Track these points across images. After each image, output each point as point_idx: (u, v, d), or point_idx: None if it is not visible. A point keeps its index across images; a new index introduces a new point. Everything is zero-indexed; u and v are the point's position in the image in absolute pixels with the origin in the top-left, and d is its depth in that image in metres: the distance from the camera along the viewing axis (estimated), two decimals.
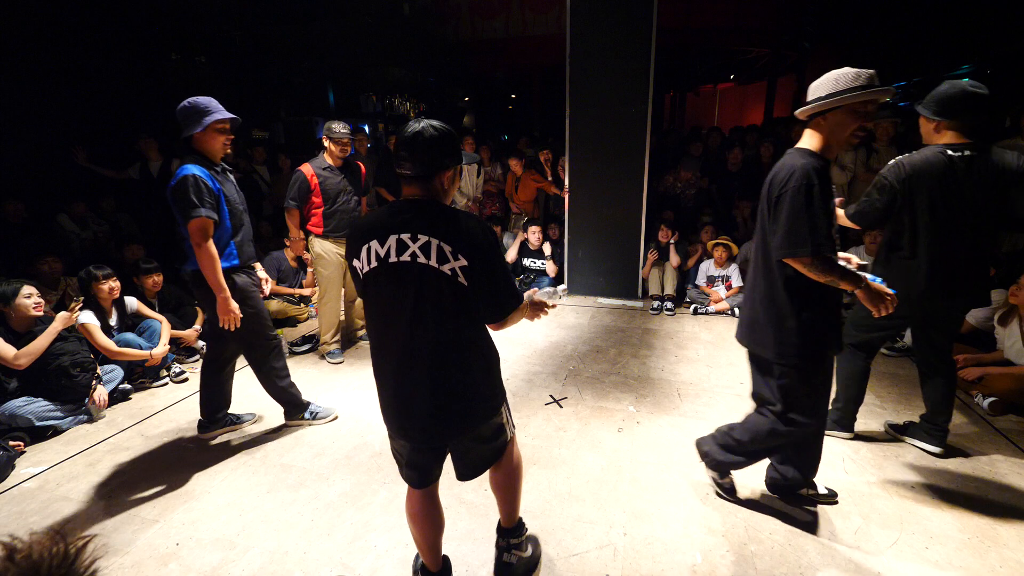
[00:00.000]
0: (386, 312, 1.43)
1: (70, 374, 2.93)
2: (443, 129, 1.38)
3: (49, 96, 5.22)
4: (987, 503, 2.20)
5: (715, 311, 4.70)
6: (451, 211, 1.39)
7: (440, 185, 1.41)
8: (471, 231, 1.35)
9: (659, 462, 2.52)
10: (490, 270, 1.38)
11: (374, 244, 1.37)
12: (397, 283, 1.37)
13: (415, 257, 1.34)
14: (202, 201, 2.30)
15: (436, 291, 1.36)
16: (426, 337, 1.39)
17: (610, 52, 4.47)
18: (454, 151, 1.40)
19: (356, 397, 3.26)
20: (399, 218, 1.37)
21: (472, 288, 1.37)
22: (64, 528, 0.67)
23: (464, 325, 1.42)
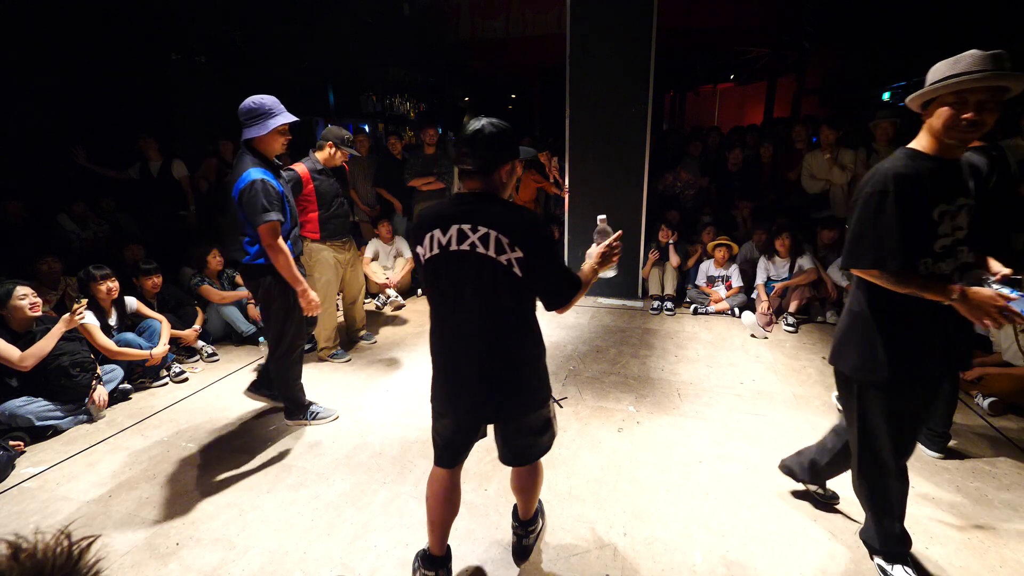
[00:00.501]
0: (445, 297, 1.52)
1: (70, 374, 2.93)
2: (501, 126, 1.45)
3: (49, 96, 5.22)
4: (987, 503, 2.20)
5: (715, 311, 4.70)
6: (510, 204, 1.48)
7: (499, 179, 1.49)
8: (528, 224, 1.43)
9: (659, 462, 2.52)
10: (545, 262, 1.45)
11: (436, 233, 1.46)
12: (456, 270, 1.46)
13: (474, 247, 1.42)
14: (271, 204, 2.42)
15: (492, 280, 1.44)
16: (480, 323, 1.48)
17: (610, 52, 4.47)
18: (511, 147, 1.48)
19: (356, 397, 3.26)
20: (461, 209, 1.46)
21: (526, 279, 1.44)
22: (69, 528, 0.67)
23: (516, 315, 1.51)
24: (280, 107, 2.45)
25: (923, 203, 1.50)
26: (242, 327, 4.12)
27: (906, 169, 1.51)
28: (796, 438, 2.71)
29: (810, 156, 4.85)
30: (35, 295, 2.91)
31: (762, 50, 10.29)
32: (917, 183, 1.49)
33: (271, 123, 2.39)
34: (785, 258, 4.59)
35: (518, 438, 1.67)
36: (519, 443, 1.68)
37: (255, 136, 2.41)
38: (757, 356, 3.80)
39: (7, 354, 2.73)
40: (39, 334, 2.86)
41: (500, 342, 1.51)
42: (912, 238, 1.50)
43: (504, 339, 1.51)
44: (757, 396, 3.18)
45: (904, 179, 1.49)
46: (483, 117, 1.47)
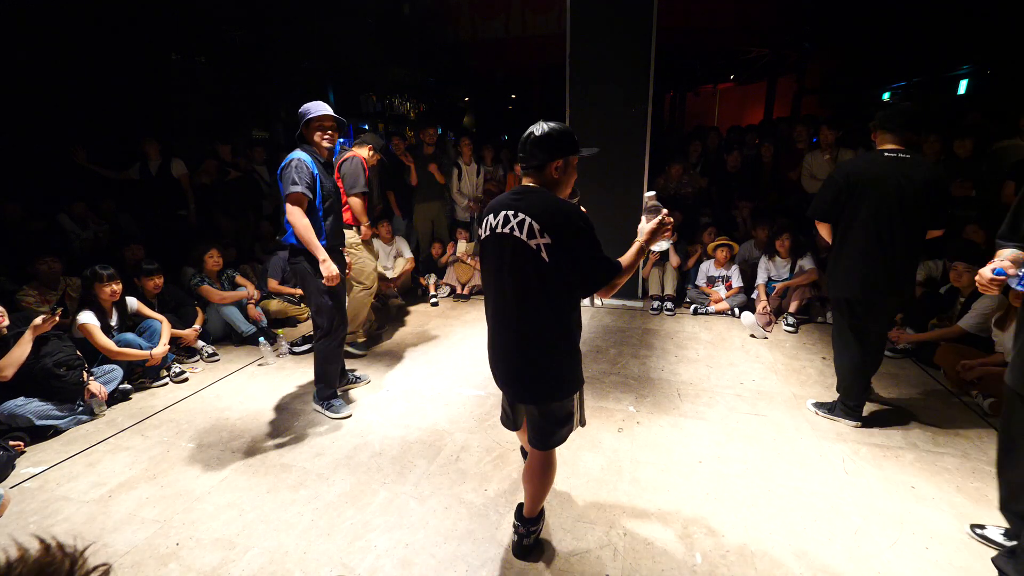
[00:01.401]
0: (490, 275, 1.71)
1: (56, 374, 2.89)
2: (551, 128, 1.61)
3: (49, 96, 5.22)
4: (987, 503, 2.20)
5: (715, 311, 4.70)
6: (553, 198, 1.60)
7: (551, 174, 1.64)
8: (561, 214, 1.55)
9: (659, 462, 2.52)
10: (576, 249, 1.56)
11: (490, 217, 1.66)
12: (498, 250, 1.63)
13: (512, 230, 1.57)
14: (300, 179, 2.64)
15: (522, 263, 1.57)
16: (515, 303, 1.63)
17: (610, 52, 4.46)
18: (560, 146, 1.62)
19: (356, 397, 3.26)
20: (513, 198, 1.63)
21: (553, 265, 1.55)
22: (75, 544, 0.66)
23: (544, 300, 1.61)
24: (319, 106, 2.73)
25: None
26: (242, 327, 4.12)
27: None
28: (796, 438, 2.71)
29: (810, 156, 4.85)
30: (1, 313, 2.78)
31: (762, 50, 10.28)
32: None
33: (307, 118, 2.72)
34: (786, 258, 4.59)
35: (540, 420, 1.77)
36: (540, 425, 1.78)
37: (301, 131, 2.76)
38: (757, 356, 3.79)
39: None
40: (12, 337, 2.79)
41: (530, 325, 1.63)
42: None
43: (533, 323, 1.63)
44: (757, 396, 3.17)
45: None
46: (541, 121, 1.64)
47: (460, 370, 3.61)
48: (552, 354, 1.66)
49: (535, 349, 1.65)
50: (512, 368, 1.71)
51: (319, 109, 2.73)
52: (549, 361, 1.67)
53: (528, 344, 1.65)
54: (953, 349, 3.31)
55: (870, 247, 2.53)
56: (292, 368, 3.72)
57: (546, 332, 1.64)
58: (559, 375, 1.69)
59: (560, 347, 1.67)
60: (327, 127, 2.77)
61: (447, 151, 6.27)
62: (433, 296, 5.28)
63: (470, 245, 5.50)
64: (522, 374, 1.70)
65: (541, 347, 1.65)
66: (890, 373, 3.41)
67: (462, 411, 3.05)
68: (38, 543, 0.64)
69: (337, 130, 2.83)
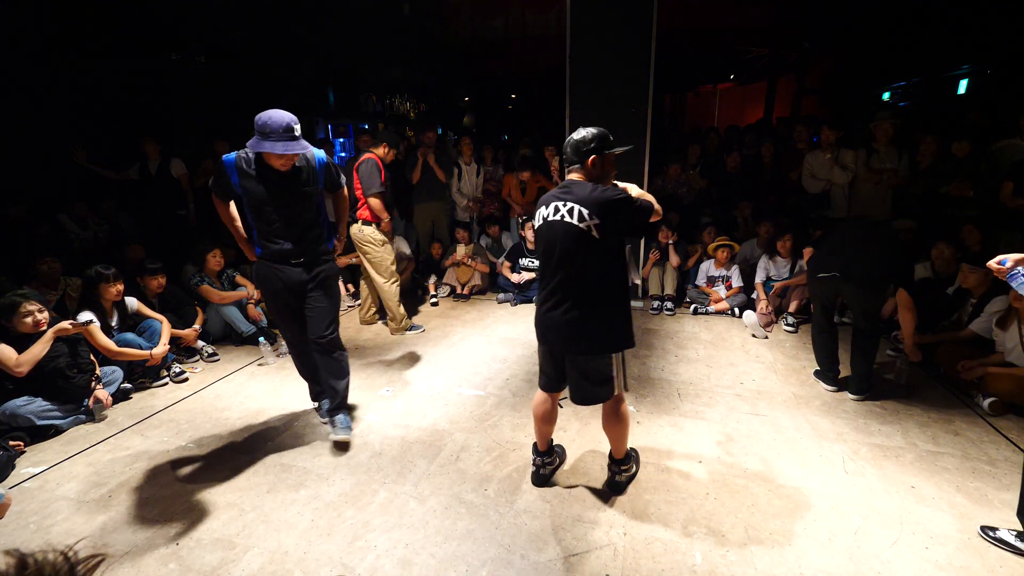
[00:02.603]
0: (545, 257, 2.01)
1: (66, 375, 2.92)
2: (588, 132, 1.98)
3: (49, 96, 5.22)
4: (987, 503, 2.20)
5: (715, 311, 4.70)
6: (593, 187, 1.91)
7: (588, 168, 1.97)
8: (603, 199, 1.87)
9: (659, 462, 2.52)
10: (620, 221, 1.90)
11: (542, 209, 2.01)
12: (552, 235, 1.95)
13: (563, 217, 1.90)
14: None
15: (574, 242, 1.89)
16: (566, 274, 1.95)
17: (610, 52, 4.46)
18: (595, 146, 1.95)
19: (356, 397, 3.26)
20: (560, 191, 1.97)
21: (602, 240, 1.88)
22: (72, 548, 0.66)
23: (592, 269, 1.94)
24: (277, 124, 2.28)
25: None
26: (242, 327, 4.12)
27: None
28: (796, 438, 2.71)
29: (811, 156, 4.85)
30: (41, 310, 2.84)
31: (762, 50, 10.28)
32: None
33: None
34: (786, 258, 4.59)
35: (578, 380, 2.08)
36: (578, 385, 2.09)
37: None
38: (757, 356, 3.80)
39: (4, 357, 2.71)
40: (37, 337, 2.85)
41: (579, 290, 1.95)
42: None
43: (582, 288, 1.95)
44: (757, 396, 3.18)
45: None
46: (581, 127, 2.00)
47: (460, 370, 3.61)
48: (599, 315, 1.96)
49: (582, 309, 1.95)
50: (561, 322, 1.99)
51: (280, 139, 2.26)
52: (594, 319, 1.96)
53: (576, 305, 1.95)
54: (953, 349, 3.31)
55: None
56: (292, 368, 3.70)
57: (595, 298, 1.95)
58: (602, 333, 1.98)
59: (606, 310, 1.97)
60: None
61: (447, 151, 6.27)
62: (433, 296, 5.28)
63: (470, 247, 5.50)
64: (568, 327, 1.97)
65: (588, 308, 1.95)
66: (890, 373, 3.41)
67: (462, 411, 3.05)
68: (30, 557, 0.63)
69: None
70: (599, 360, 2.02)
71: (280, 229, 2.52)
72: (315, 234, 2.62)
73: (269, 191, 2.45)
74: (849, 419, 2.90)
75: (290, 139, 2.29)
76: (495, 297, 5.33)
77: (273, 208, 2.48)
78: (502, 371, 3.58)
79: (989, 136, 4.51)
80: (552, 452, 2.38)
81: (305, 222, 2.56)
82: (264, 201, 2.46)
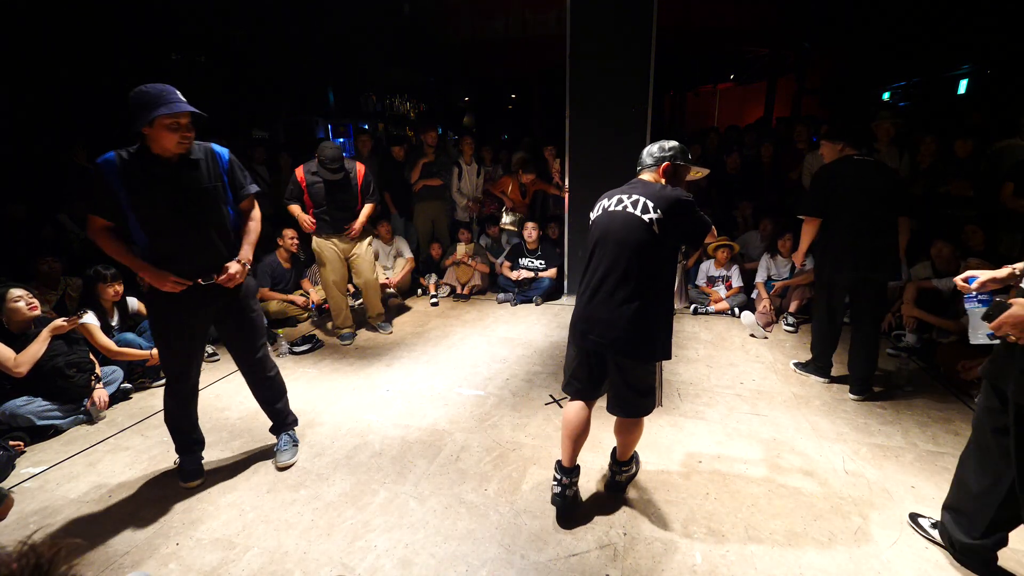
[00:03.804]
0: (596, 247, 1.98)
1: (66, 375, 2.92)
2: (662, 144, 2.05)
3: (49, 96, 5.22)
4: None
5: (715, 311, 4.70)
6: (661, 186, 1.94)
7: (660, 173, 2.02)
8: (671, 196, 1.88)
9: (659, 462, 2.52)
10: (682, 223, 1.89)
11: (604, 201, 2.04)
12: (609, 225, 1.94)
13: (626, 208, 1.91)
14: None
15: (633, 233, 1.87)
16: (620, 266, 1.89)
17: (610, 52, 4.46)
18: (673, 155, 2.02)
19: (356, 397, 3.26)
20: (629, 187, 2.00)
21: (662, 236, 1.85)
22: (32, 538, 0.66)
23: (645, 265, 1.88)
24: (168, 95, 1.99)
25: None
26: None
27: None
28: (796, 438, 2.71)
29: (811, 156, 4.85)
30: (30, 296, 2.85)
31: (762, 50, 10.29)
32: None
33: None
34: (787, 257, 4.59)
35: (622, 389, 2.00)
36: (622, 394, 2.01)
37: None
38: (757, 356, 3.79)
39: (4, 360, 2.70)
40: (35, 336, 2.85)
41: (632, 285, 1.88)
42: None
43: (636, 284, 1.88)
44: (757, 396, 3.18)
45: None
46: (659, 140, 2.08)
47: (460, 370, 3.61)
48: (646, 315, 1.89)
49: (632, 307, 1.87)
50: (605, 319, 1.91)
51: (173, 100, 1.96)
52: (642, 320, 1.88)
53: (626, 302, 1.88)
54: (953, 349, 3.31)
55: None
56: (292, 368, 3.72)
57: (646, 297, 1.89)
58: (648, 336, 1.91)
59: (654, 311, 1.91)
60: (183, 125, 2.01)
61: (447, 151, 6.27)
62: (433, 296, 5.28)
63: (470, 246, 5.50)
64: (614, 325, 1.89)
65: (638, 306, 1.87)
66: (890, 372, 3.41)
67: (462, 411, 3.05)
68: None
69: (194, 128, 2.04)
70: (645, 367, 1.98)
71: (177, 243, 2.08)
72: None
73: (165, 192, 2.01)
74: (849, 419, 2.90)
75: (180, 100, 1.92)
76: (495, 297, 5.33)
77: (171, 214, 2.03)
78: (502, 371, 3.58)
79: (989, 136, 4.51)
80: (578, 470, 2.16)
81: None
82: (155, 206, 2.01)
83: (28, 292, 2.87)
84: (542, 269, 5.26)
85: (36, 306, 2.86)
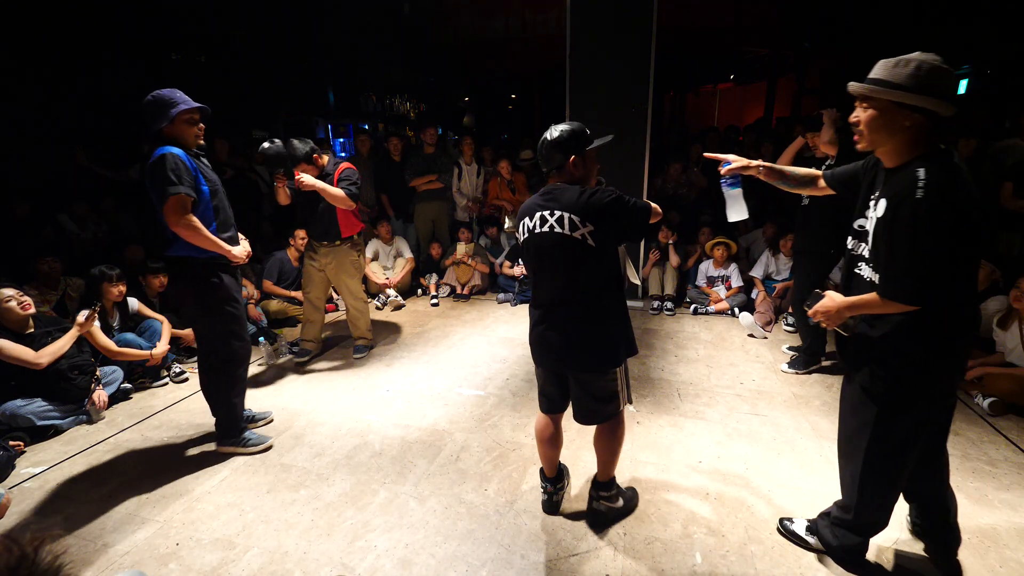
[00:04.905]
0: (536, 271, 1.86)
1: (68, 377, 2.92)
2: (562, 130, 1.77)
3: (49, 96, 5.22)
4: (987, 503, 2.20)
5: (715, 311, 4.70)
6: (579, 190, 1.74)
7: (570, 171, 1.79)
8: (595, 203, 1.70)
9: (659, 462, 2.52)
10: (617, 224, 1.73)
11: (526, 220, 1.82)
12: (541, 248, 1.79)
13: (552, 228, 1.73)
14: (180, 179, 2.22)
15: (568, 253, 1.74)
16: (562, 288, 1.81)
17: (610, 52, 4.46)
18: (572, 144, 1.77)
19: (356, 397, 3.26)
20: (544, 199, 1.79)
21: (599, 247, 1.72)
22: (15, 532, 0.67)
23: (588, 281, 1.78)
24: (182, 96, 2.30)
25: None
26: None
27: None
28: (796, 438, 2.71)
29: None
30: (21, 295, 2.83)
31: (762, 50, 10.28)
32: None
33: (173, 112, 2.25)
34: (788, 256, 4.60)
35: (583, 399, 1.92)
36: (584, 404, 1.93)
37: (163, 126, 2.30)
38: (757, 356, 3.79)
39: (23, 355, 2.71)
40: (39, 336, 2.86)
41: (576, 303, 1.80)
42: None
43: (577, 302, 1.80)
44: (757, 396, 3.17)
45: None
46: (552, 126, 1.80)
47: (460, 370, 3.61)
48: (597, 327, 1.81)
49: (581, 324, 1.80)
50: (559, 342, 1.84)
51: (186, 99, 2.28)
52: (594, 333, 1.81)
53: (574, 320, 1.80)
54: None
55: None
56: (291, 368, 3.71)
57: (592, 310, 1.80)
58: (604, 346, 1.82)
59: (605, 320, 1.82)
60: (197, 120, 2.35)
61: (447, 150, 6.27)
62: (433, 296, 5.28)
63: (470, 246, 5.50)
64: (567, 345, 1.82)
65: (586, 322, 1.80)
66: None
67: (462, 411, 3.05)
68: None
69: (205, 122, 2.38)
70: (604, 376, 1.86)
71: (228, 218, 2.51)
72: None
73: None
74: None
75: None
76: (495, 297, 5.33)
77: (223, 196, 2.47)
78: (502, 371, 3.58)
79: (990, 136, 4.52)
80: (562, 477, 2.19)
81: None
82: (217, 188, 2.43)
83: (19, 291, 2.84)
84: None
85: (28, 305, 2.84)
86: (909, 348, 1.49)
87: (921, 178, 1.35)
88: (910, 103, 1.39)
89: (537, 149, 1.83)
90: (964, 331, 1.50)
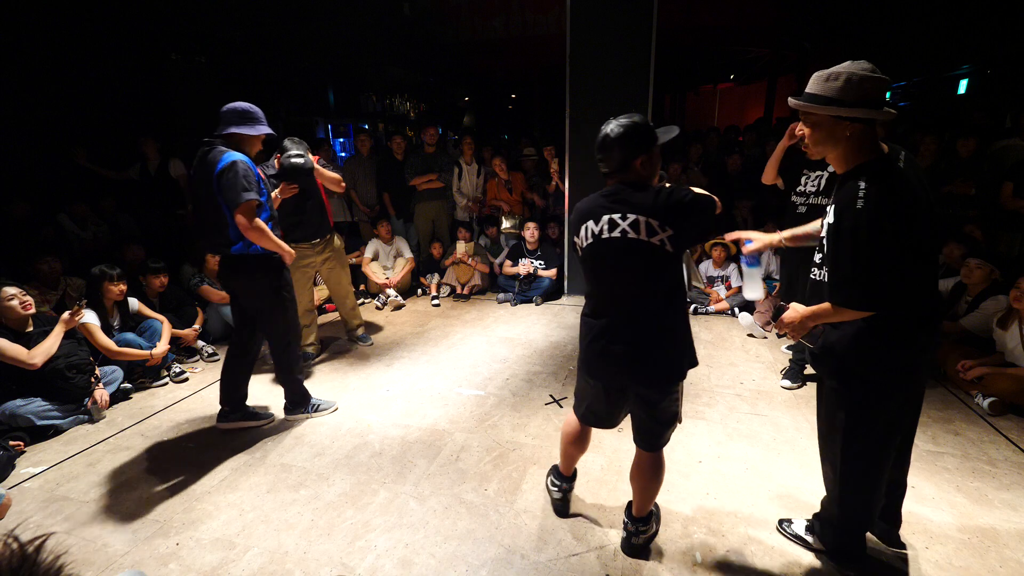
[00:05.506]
0: (598, 279, 1.71)
1: (66, 376, 2.92)
2: (625, 125, 1.59)
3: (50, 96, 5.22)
4: (987, 503, 2.20)
5: (715, 311, 4.70)
6: (655, 190, 1.58)
7: (635, 172, 1.61)
8: (675, 204, 1.54)
9: None
10: (697, 225, 1.59)
11: (590, 224, 1.63)
12: (608, 255, 1.61)
13: (625, 233, 1.56)
14: (251, 186, 2.47)
15: (644, 260, 1.58)
16: (633, 298, 1.65)
17: (610, 52, 4.46)
18: (639, 142, 1.59)
19: (356, 397, 3.26)
20: (611, 201, 1.60)
21: (676, 250, 1.57)
22: (15, 531, 0.67)
23: (663, 291, 1.64)
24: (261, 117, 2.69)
25: None
26: None
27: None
28: (796, 438, 2.71)
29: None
30: (23, 294, 2.84)
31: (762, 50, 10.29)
32: None
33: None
34: None
35: (647, 422, 1.78)
36: (647, 427, 1.79)
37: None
38: (757, 356, 3.79)
39: (17, 354, 2.71)
40: (37, 332, 2.86)
41: (647, 316, 1.65)
42: None
43: (650, 313, 1.65)
44: (757, 396, 3.18)
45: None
46: (612, 120, 1.62)
47: (460, 370, 3.61)
48: (667, 338, 1.67)
49: (651, 336, 1.65)
50: (622, 355, 1.67)
51: (265, 120, 2.65)
52: (662, 345, 1.67)
53: (643, 332, 1.65)
54: (953, 349, 3.31)
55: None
56: None
57: (664, 321, 1.66)
58: (671, 359, 1.69)
59: (674, 333, 1.68)
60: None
61: (447, 150, 6.26)
62: (434, 296, 5.28)
63: (470, 245, 5.49)
64: (632, 358, 1.66)
65: (657, 333, 1.65)
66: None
67: (462, 411, 3.05)
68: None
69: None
70: (669, 392, 1.73)
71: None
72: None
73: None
74: None
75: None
76: (495, 297, 5.33)
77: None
78: (502, 371, 3.58)
79: (990, 136, 4.52)
80: (575, 477, 2.17)
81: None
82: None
83: (22, 290, 2.85)
84: (542, 269, 5.26)
85: (30, 304, 2.84)
86: (871, 350, 1.52)
87: (862, 187, 1.39)
88: (846, 116, 1.43)
89: (597, 146, 1.65)
90: (925, 324, 1.52)
